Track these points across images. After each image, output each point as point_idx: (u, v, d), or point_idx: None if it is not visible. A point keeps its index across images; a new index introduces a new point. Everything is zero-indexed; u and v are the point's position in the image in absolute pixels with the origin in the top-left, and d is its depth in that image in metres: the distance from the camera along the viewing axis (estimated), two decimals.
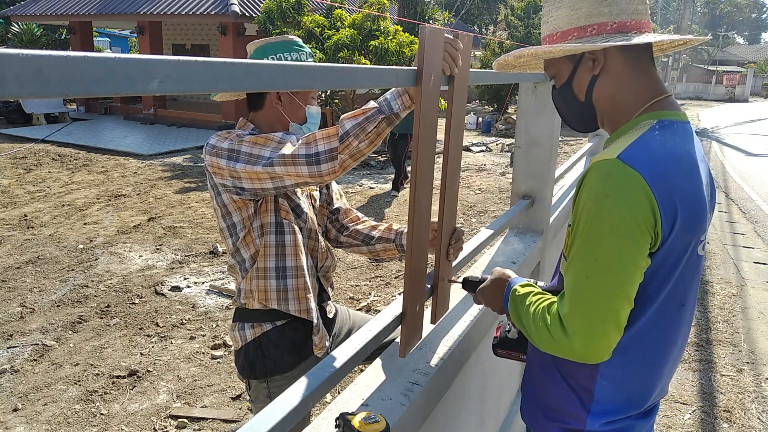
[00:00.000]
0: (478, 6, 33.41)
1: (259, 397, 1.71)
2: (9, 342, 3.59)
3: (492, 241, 1.92)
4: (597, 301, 0.96)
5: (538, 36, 17.24)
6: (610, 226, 0.95)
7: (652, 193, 0.94)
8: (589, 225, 0.98)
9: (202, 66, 0.58)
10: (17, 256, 5.13)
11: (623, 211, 0.94)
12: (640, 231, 0.95)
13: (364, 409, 1.07)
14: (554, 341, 1.00)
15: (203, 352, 3.52)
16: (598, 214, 0.96)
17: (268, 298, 1.61)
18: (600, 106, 1.12)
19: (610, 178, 0.96)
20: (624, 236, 0.95)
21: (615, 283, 0.96)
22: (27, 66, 0.42)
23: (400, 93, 1.30)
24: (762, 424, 2.86)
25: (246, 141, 1.44)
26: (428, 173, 1.19)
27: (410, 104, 1.30)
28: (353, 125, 1.31)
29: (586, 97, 1.12)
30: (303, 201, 1.68)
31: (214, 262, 5.09)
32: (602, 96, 1.11)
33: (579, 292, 0.98)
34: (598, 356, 0.99)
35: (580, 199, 1.01)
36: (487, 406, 1.91)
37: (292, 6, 10.19)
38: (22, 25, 18.21)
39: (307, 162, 1.34)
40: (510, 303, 1.15)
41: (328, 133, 1.34)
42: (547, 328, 1.02)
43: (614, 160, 0.97)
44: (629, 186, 0.95)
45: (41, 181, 8.18)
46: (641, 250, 0.96)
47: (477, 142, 13.03)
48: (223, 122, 13.94)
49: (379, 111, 1.30)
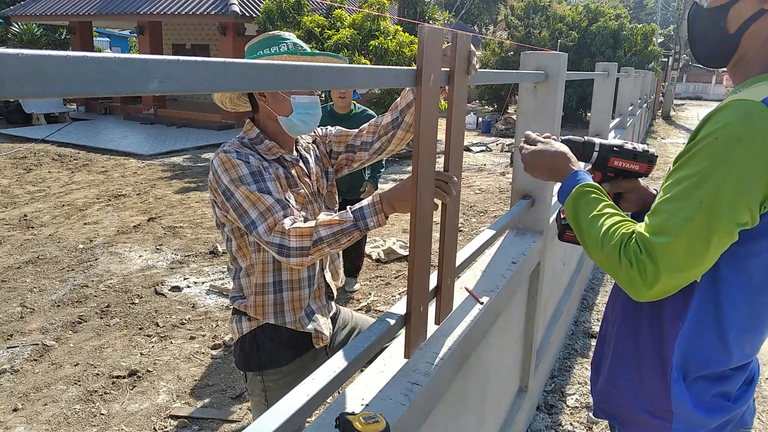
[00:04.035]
0: (478, 6, 33.40)
1: (255, 390, 1.74)
2: (9, 342, 3.58)
3: (492, 241, 1.92)
4: (693, 245, 0.90)
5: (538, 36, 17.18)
6: (732, 174, 0.87)
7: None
8: (707, 164, 0.89)
9: (202, 66, 0.57)
10: (17, 256, 5.13)
11: (754, 160, 0.86)
12: (762, 187, 0.88)
13: (364, 409, 1.07)
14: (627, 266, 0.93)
15: (203, 352, 3.52)
16: (723, 156, 0.88)
17: (265, 312, 1.65)
18: (748, 46, 1.01)
19: (749, 120, 0.87)
20: (744, 190, 0.87)
21: (715, 232, 0.89)
22: (27, 66, 0.42)
23: (377, 211, 1.35)
24: (762, 424, 2.86)
25: (241, 190, 1.45)
26: (430, 173, 1.18)
27: (384, 223, 1.36)
28: (328, 234, 1.35)
29: (738, 31, 1.00)
30: (306, 208, 1.66)
31: (214, 262, 5.09)
32: (758, 36, 0.99)
33: (676, 230, 0.91)
34: (665, 294, 0.94)
35: (702, 133, 0.92)
36: (487, 406, 1.91)
37: (292, 6, 10.19)
38: (22, 25, 18.21)
39: (278, 252, 1.40)
40: (572, 198, 1.08)
41: (303, 232, 1.37)
42: (620, 249, 0.95)
43: (758, 103, 0.88)
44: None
45: (41, 181, 8.17)
46: (755, 207, 0.89)
47: (477, 142, 13.03)
48: (223, 122, 13.94)
49: (354, 226, 1.35)
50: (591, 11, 17.64)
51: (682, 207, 0.91)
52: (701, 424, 1.10)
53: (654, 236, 0.93)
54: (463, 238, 5.73)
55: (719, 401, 1.10)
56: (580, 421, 2.85)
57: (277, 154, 1.62)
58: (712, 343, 1.05)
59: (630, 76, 6.86)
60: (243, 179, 1.46)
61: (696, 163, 0.91)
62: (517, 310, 2.27)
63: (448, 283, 1.41)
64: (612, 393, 1.24)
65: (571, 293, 3.60)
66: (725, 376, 1.10)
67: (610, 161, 1.32)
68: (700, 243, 0.90)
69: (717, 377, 1.09)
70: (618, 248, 0.96)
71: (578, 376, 3.28)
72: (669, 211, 0.92)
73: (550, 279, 2.80)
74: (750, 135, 0.87)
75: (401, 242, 5.49)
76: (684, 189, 0.92)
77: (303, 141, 1.77)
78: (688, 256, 0.91)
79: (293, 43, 1.59)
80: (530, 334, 2.45)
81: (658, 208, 0.96)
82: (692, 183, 0.91)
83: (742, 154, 0.87)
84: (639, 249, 0.93)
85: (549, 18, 17.63)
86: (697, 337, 1.06)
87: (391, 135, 1.70)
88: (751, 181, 0.88)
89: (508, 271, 1.88)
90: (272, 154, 1.61)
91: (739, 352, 1.06)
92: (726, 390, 1.10)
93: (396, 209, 1.35)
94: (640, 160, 1.30)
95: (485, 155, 11.72)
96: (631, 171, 1.32)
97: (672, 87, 23.23)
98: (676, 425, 1.11)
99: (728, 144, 0.88)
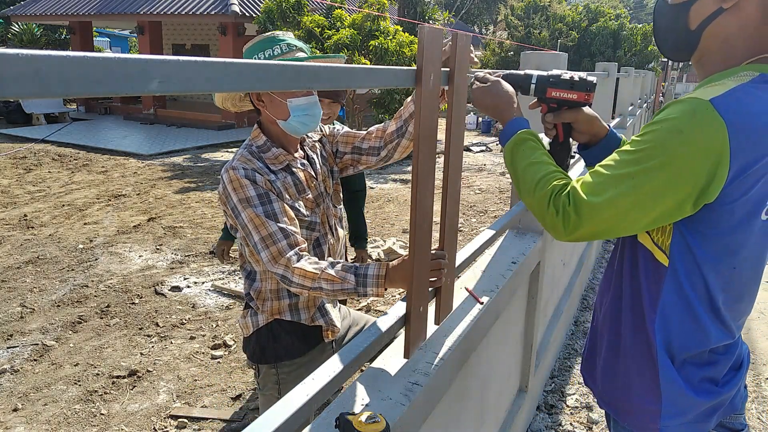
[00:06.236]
0: (478, 6, 33.39)
1: (268, 384, 1.77)
2: (9, 342, 3.58)
3: (492, 241, 1.92)
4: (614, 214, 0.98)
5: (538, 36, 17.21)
6: (666, 163, 0.93)
7: (729, 146, 0.90)
8: (647, 147, 0.95)
9: (202, 66, 0.57)
10: (17, 256, 5.13)
11: (690, 155, 0.92)
12: (693, 182, 0.93)
13: (364, 409, 1.07)
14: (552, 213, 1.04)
15: (203, 352, 3.52)
16: (663, 144, 0.93)
17: (281, 311, 1.70)
18: (708, 44, 1.04)
19: (694, 117, 0.92)
20: (674, 179, 0.93)
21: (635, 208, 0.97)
22: (26, 66, 0.42)
23: (379, 284, 1.37)
24: (762, 424, 2.86)
25: (247, 212, 1.48)
26: (429, 173, 1.18)
27: (382, 295, 1.39)
28: (328, 288, 1.41)
29: (699, 27, 1.03)
30: (314, 211, 1.67)
31: (214, 262, 5.09)
32: (717, 34, 1.02)
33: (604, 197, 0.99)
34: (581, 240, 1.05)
35: (654, 119, 0.97)
36: (487, 406, 1.91)
37: (292, 6, 10.19)
38: (22, 25, 18.20)
39: (281, 280, 1.47)
40: (511, 144, 1.17)
41: (306, 275, 1.42)
42: (551, 197, 1.05)
43: (705, 102, 0.92)
44: (709, 133, 0.90)
45: (41, 181, 8.18)
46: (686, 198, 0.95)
47: (477, 142, 13.03)
48: (223, 122, 13.94)
49: (354, 290, 1.39)
50: (591, 11, 17.65)
51: (617, 178, 0.98)
52: (690, 407, 1.12)
53: (585, 194, 1.01)
54: (463, 238, 5.73)
55: (707, 385, 1.12)
56: (580, 421, 2.85)
57: (285, 162, 1.62)
58: (687, 325, 1.08)
59: (630, 76, 6.86)
60: (250, 201, 1.49)
61: (640, 144, 0.98)
62: (517, 310, 2.27)
63: (448, 283, 1.41)
64: (606, 383, 1.27)
65: (571, 293, 3.60)
66: (711, 361, 1.12)
67: (548, 92, 1.33)
68: (620, 214, 0.99)
69: (703, 362, 1.12)
70: (549, 196, 1.06)
71: (578, 376, 3.28)
72: (605, 177, 1.00)
73: (550, 279, 2.80)
74: (690, 130, 0.92)
75: (401, 242, 5.49)
76: (623, 161, 0.99)
77: (309, 140, 1.77)
78: (606, 220, 1.00)
79: (287, 44, 1.58)
80: (530, 334, 2.45)
81: (598, 170, 1.03)
82: (631, 159, 0.98)
83: (679, 147, 0.93)
84: (568, 201, 1.03)
85: (549, 18, 17.63)
86: (672, 321, 1.10)
87: (396, 143, 1.71)
88: (683, 173, 0.93)
89: (508, 271, 1.88)
90: (280, 162, 1.61)
91: (717, 331, 1.09)
92: (712, 375, 1.13)
93: (394, 286, 1.39)
94: (577, 89, 1.31)
95: (485, 155, 11.72)
96: (569, 100, 1.32)
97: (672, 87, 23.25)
98: (666, 408, 1.13)
99: (670, 134, 0.94)
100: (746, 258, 1.05)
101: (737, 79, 0.98)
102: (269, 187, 1.53)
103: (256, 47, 1.58)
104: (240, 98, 1.68)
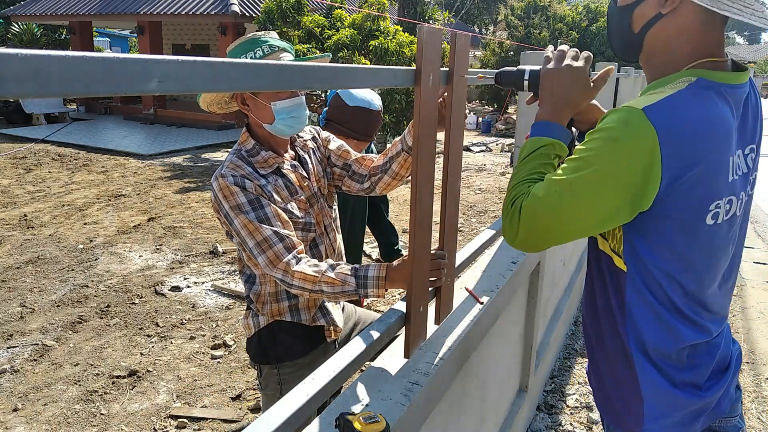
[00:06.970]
0: (478, 6, 33.40)
1: (270, 384, 1.77)
2: (9, 342, 3.58)
3: (492, 241, 1.92)
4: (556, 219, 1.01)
5: (538, 36, 17.20)
6: (602, 170, 0.96)
7: (660, 154, 0.93)
8: (586, 155, 0.98)
9: (202, 66, 0.58)
10: (17, 256, 5.13)
11: (622, 163, 0.95)
12: (625, 188, 0.96)
13: (364, 409, 1.07)
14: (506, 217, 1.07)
15: (203, 352, 3.52)
16: (599, 152, 0.97)
17: (281, 313, 1.70)
18: (651, 47, 1.07)
19: (627, 125, 0.95)
20: (607, 187, 0.96)
21: (574, 214, 1.00)
22: (26, 66, 0.42)
23: (380, 285, 1.38)
24: (762, 424, 2.86)
25: (240, 219, 1.48)
26: (429, 173, 1.18)
27: (383, 295, 1.40)
28: (329, 292, 1.41)
29: (641, 31, 1.07)
30: (308, 212, 1.67)
31: (214, 262, 5.09)
32: (658, 38, 1.05)
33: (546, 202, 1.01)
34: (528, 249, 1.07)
35: (597, 126, 1.01)
36: (487, 406, 1.91)
37: (291, 6, 10.19)
38: (22, 25, 18.19)
39: (281, 282, 1.47)
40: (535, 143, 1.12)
41: (306, 278, 1.42)
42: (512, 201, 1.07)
43: (638, 111, 0.95)
44: (640, 141, 0.93)
45: (41, 181, 8.18)
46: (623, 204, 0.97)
47: (477, 142, 13.03)
48: (223, 122, 13.94)
49: (355, 292, 1.39)
50: (591, 11, 17.65)
51: (557, 185, 1.01)
52: (672, 408, 1.12)
53: (529, 201, 1.03)
54: (463, 238, 5.73)
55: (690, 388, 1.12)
56: (580, 421, 2.85)
57: (274, 165, 1.61)
58: (654, 326, 1.09)
59: (630, 76, 6.86)
60: (241, 207, 1.48)
61: (581, 152, 1.00)
62: (517, 310, 2.27)
63: (448, 283, 1.42)
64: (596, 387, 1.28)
65: (571, 293, 3.61)
66: (693, 365, 1.11)
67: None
68: (558, 220, 1.01)
69: (683, 366, 1.11)
70: (511, 200, 1.08)
71: (578, 376, 3.28)
72: (549, 183, 1.02)
73: (550, 279, 2.80)
74: (625, 138, 0.95)
75: (401, 242, 5.48)
76: (566, 169, 1.01)
77: (300, 139, 1.75)
78: (546, 227, 1.03)
79: (269, 46, 1.55)
80: (530, 334, 2.45)
81: (547, 178, 1.04)
82: (572, 167, 1.00)
83: (612, 155, 0.96)
84: (519, 208, 1.04)
85: (549, 18, 17.64)
86: (640, 323, 1.10)
87: (378, 178, 1.71)
88: (616, 180, 0.96)
89: (508, 271, 1.88)
90: (269, 165, 1.60)
91: (687, 329, 1.08)
92: (693, 379, 1.12)
93: (394, 287, 1.39)
94: None
95: (485, 155, 11.72)
96: None
97: None
98: (648, 411, 1.13)
99: (605, 143, 0.96)
100: (697, 262, 1.05)
101: (675, 85, 1.00)
102: (260, 192, 1.52)
103: (239, 49, 1.56)
104: (226, 101, 1.67)
